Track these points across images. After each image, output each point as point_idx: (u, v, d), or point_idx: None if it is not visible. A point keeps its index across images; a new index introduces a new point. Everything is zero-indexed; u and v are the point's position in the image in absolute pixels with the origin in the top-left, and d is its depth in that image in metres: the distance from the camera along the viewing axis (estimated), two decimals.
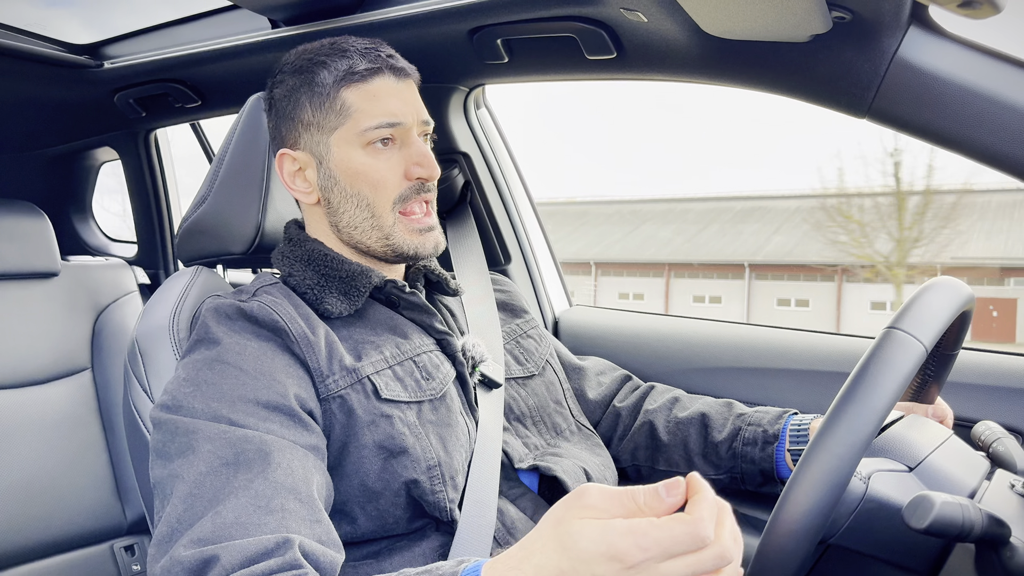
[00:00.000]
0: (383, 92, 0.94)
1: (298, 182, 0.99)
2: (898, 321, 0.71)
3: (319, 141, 0.96)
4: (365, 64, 0.94)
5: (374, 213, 0.96)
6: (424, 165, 0.95)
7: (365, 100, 0.94)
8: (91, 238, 2.30)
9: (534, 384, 1.10)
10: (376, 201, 0.95)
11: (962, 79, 0.90)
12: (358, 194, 0.95)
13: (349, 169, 0.95)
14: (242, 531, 0.70)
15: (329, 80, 0.94)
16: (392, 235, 0.96)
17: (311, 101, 0.95)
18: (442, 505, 0.88)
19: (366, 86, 0.94)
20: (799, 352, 1.28)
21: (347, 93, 0.94)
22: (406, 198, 0.96)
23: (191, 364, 0.86)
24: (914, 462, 0.78)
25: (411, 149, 0.96)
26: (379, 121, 0.93)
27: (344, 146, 0.95)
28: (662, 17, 1.04)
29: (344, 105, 0.94)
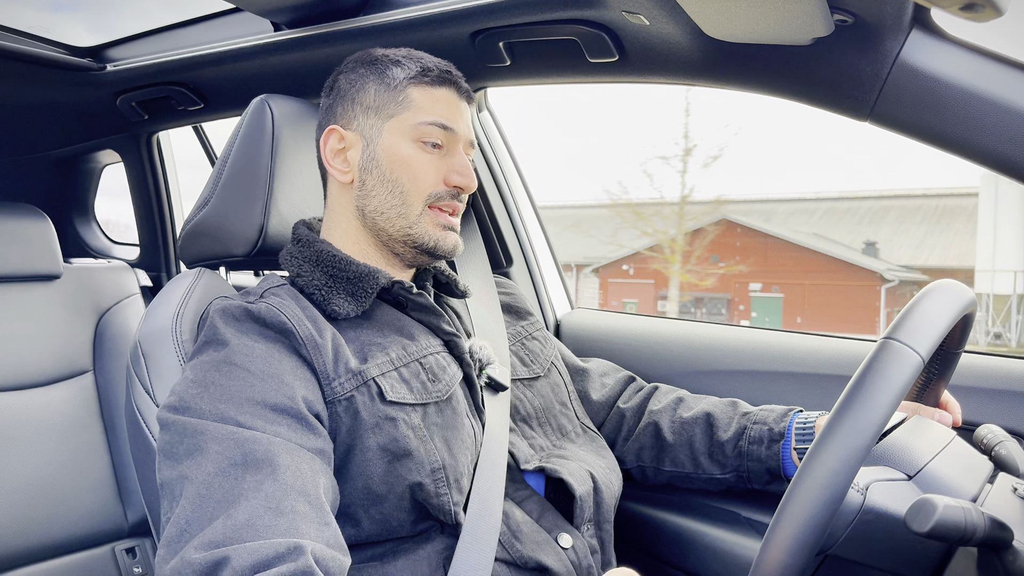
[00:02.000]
0: (445, 100, 1.00)
1: (337, 160, 1.02)
2: (895, 331, 0.71)
3: (373, 124, 0.99)
4: (438, 72, 1.00)
5: (405, 201, 0.98)
6: (464, 175, 0.99)
7: (428, 100, 0.99)
8: (93, 240, 2.31)
9: (539, 385, 1.10)
10: (411, 191, 0.98)
11: (964, 82, 0.90)
12: (395, 180, 0.98)
13: (395, 155, 0.98)
14: (253, 533, 0.70)
15: (400, 75, 0.99)
16: (415, 225, 0.98)
17: (377, 88, 0.99)
18: (446, 508, 0.88)
19: (433, 90, 0.99)
20: (801, 355, 1.28)
21: (414, 90, 0.99)
22: (440, 197, 0.99)
23: (199, 365, 0.86)
24: (914, 470, 0.78)
25: (455, 159, 1.00)
26: (435, 119, 0.98)
27: (396, 135, 0.98)
28: (664, 20, 1.04)
29: (408, 98, 0.99)
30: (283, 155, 1.11)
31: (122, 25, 1.68)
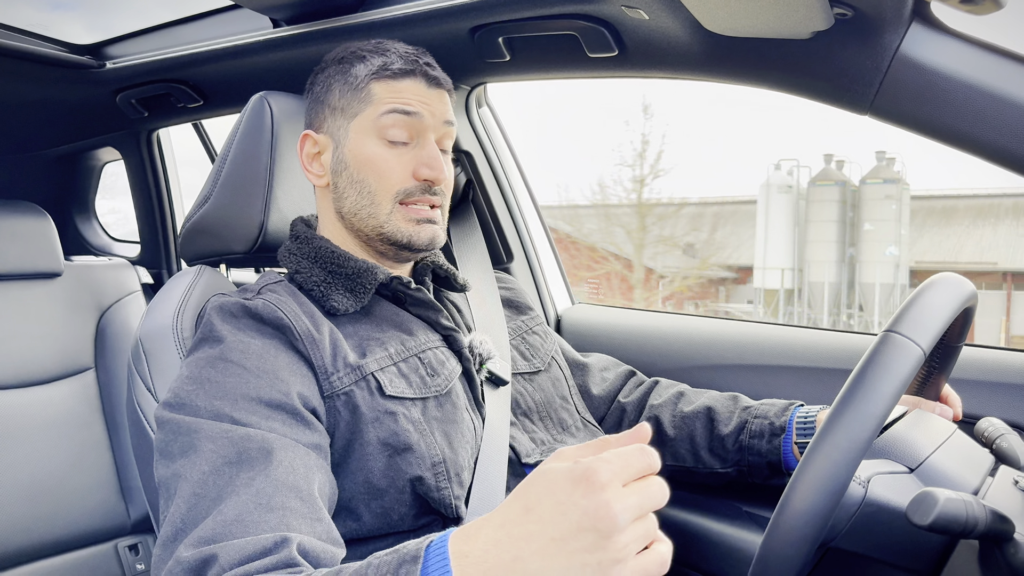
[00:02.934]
0: (409, 91, 0.97)
1: (314, 164, 1.02)
2: (896, 324, 0.71)
3: (340, 126, 0.99)
4: (400, 64, 0.97)
5: (374, 201, 0.97)
6: (433, 167, 0.97)
7: (389, 93, 0.97)
8: (94, 238, 2.31)
9: (540, 380, 1.10)
10: (378, 190, 0.97)
11: (964, 75, 0.90)
12: (363, 181, 0.97)
13: (360, 156, 0.97)
14: (242, 529, 0.70)
15: (363, 72, 0.98)
16: (386, 224, 0.98)
17: (342, 88, 0.99)
18: (447, 502, 0.88)
19: (395, 83, 0.97)
20: (802, 349, 1.28)
21: (376, 85, 0.97)
22: (410, 193, 0.97)
23: (195, 362, 0.86)
24: (915, 463, 0.78)
25: (424, 151, 0.98)
26: (393, 106, 0.96)
27: (361, 134, 0.97)
28: (663, 14, 1.03)
29: (369, 94, 0.97)
30: (282, 152, 1.11)
31: (120, 23, 1.68)
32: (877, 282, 22.41)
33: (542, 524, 0.53)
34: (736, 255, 24.91)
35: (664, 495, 0.55)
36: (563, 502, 0.53)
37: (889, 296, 22.27)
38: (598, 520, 0.51)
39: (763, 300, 23.43)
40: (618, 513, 0.51)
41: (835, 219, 23.22)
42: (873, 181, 23.06)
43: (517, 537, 0.54)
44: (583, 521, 0.52)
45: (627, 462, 0.53)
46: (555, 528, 0.53)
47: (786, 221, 23.67)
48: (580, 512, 0.52)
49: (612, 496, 0.52)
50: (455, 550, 0.57)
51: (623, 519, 0.51)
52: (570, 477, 0.53)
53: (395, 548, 0.62)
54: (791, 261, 23.62)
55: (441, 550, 0.58)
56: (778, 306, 22.99)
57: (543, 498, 0.54)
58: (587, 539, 0.52)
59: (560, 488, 0.53)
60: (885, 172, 23.19)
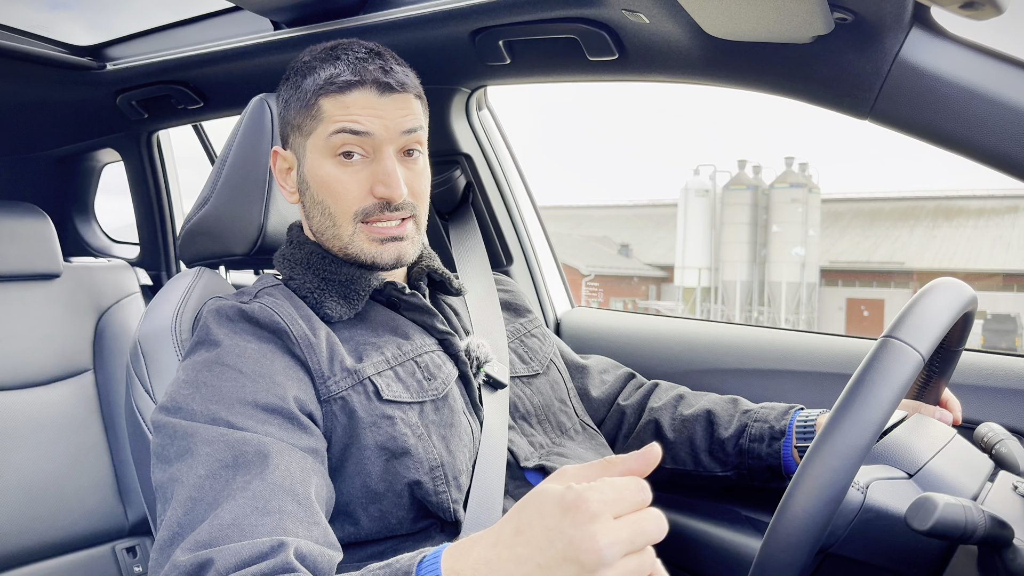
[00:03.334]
0: (357, 105, 0.92)
1: (287, 181, 1.01)
2: (895, 330, 0.71)
3: (300, 144, 0.97)
4: (347, 76, 0.92)
5: (335, 223, 0.95)
6: (387, 184, 0.92)
7: (337, 109, 0.92)
8: (93, 239, 2.31)
9: (539, 383, 1.10)
10: (337, 212, 0.95)
11: (964, 80, 0.90)
12: (322, 202, 0.96)
13: (317, 177, 0.95)
14: (239, 533, 0.70)
15: (310, 87, 0.94)
16: (350, 244, 0.96)
17: (295, 104, 0.96)
18: (445, 506, 0.88)
19: (342, 97, 0.92)
20: (801, 353, 1.28)
21: (324, 101, 0.93)
22: (369, 213, 0.94)
23: (191, 366, 0.86)
24: (914, 468, 0.78)
25: (378, 166, 0.93)
26: (341, 126, 0.91)
27: (316, 153, 0.95)
28: (664, 18, 1.04)
29: (319, 111, 0.94)
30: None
31: (121, 24, 1.68)
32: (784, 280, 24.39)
33: (530, 549, 0.52)
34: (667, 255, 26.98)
35: (661, 530, 0.53)
36: (551, 528, 0.52)
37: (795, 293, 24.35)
38: (582, 552, 0.50)
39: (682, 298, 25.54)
40: (604, 547, 0.50)
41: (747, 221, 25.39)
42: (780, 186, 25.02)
43: (507, 559, 0.53)
44: (567, 551, 0.51)
45: (621, 494, 0.52)
46: (542, 555, 0.52)
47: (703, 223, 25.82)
48: (566, 542, 0.51)
49: (600, 528, 0.50)
50: (447, 566, 0.57)
51: (609, 553, 0.50)
52: (561, 503, 0.52)
53: (388, 562, 0.62)
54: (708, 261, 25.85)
55: (434, 565, 0.57)
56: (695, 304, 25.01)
57: (533, 522, 0.53)
58: (571, 570, 0.51)
59: (550, 514, 0.52)
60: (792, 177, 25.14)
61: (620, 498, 0.52)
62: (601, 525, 0.50)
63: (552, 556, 0.51)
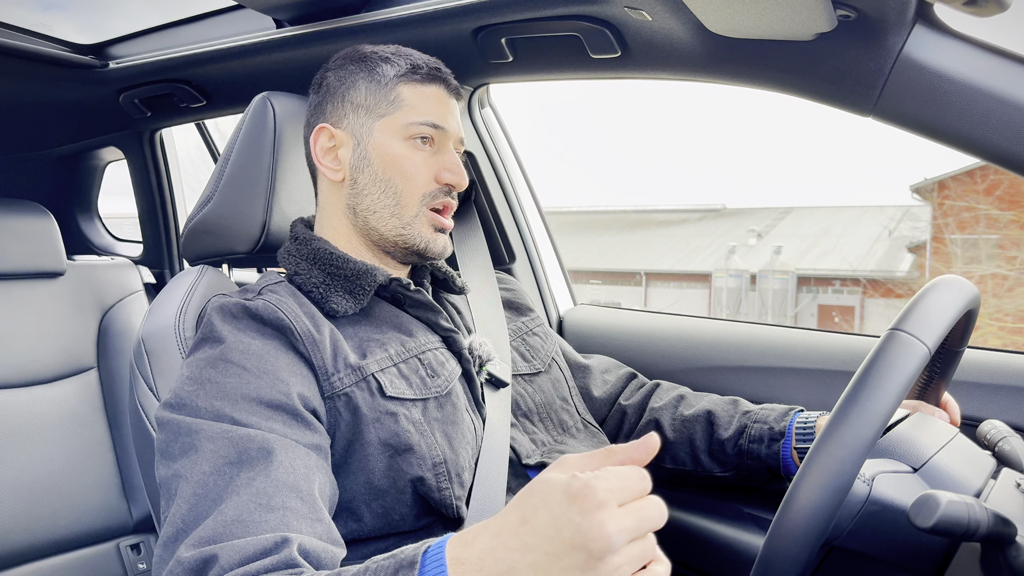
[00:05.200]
0: (436, 97, 1.00)
1: (328, 158, 1.01)
2: (901, 322, 0.71)
3: (364, 123, 0.99)
4: (427, 69, 1.00)
5: (399, 202, 0.98)
6: (455, 172, 0.99)
7: (419, 98, 0.99)
8: (96, 237, 2.31)
9: (540, 381, 1.10)
10: (404, 191, 0.98)
11: (967, 77, 0.89)
12: (388, 180, 0.98)
13: (387, 155, 0.98)
14: (242, 529, 0.70)
15: (391, 73, 0.99)
16: (409, 226, 0.99)
17: (368, 86, 0.99)
18: (448, 502, 0.88)
19: (423, 87, 0.99)
20: (804, 351, 1.28)
21: (404, 88, 0.99)
22: (434, 196, 0.99)
23: (195, 363, 0.86)
24: (919, 463, 0.78)
25: (446, 156, 1.00)
26: (426, 119, 0.98)
27: (387, 134, 0.98)
28: (666, 16, 1.03)
29: (399, 97, 0.98)
30: (285, 152, 1.11)
31: (113, 26, 1.68)
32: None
33: (537, 537, 0.53)
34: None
35: (662, 517, 0.54)
36: (558, 517, 0.52)
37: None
38: (590, 540, 0.51)
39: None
40: (612, 534, 0.51)
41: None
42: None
43: (512, 548, 0.54)
44: (575, 539, 0.51)
45: (625, 483, 0.53)
46: (549, 543, 0.52)
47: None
48: (574, 529, 0.51)
49: (607, 516, 0.51)
50: (452, 556, 0.57)
51: (617, 540, 0.51)
52: (567, 492, 0.52)
53: (393, 553, 0.62)
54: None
55: (438, 555, 0.58)
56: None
57: (539, 510, 0.53)
58: (579, 558, 0.51)
59: (556, 502, 0.53)
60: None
61: (624, 486, 0.53)
62: (608, 513, 0.51)
63: (559, 544, 0.52)
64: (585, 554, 0.51)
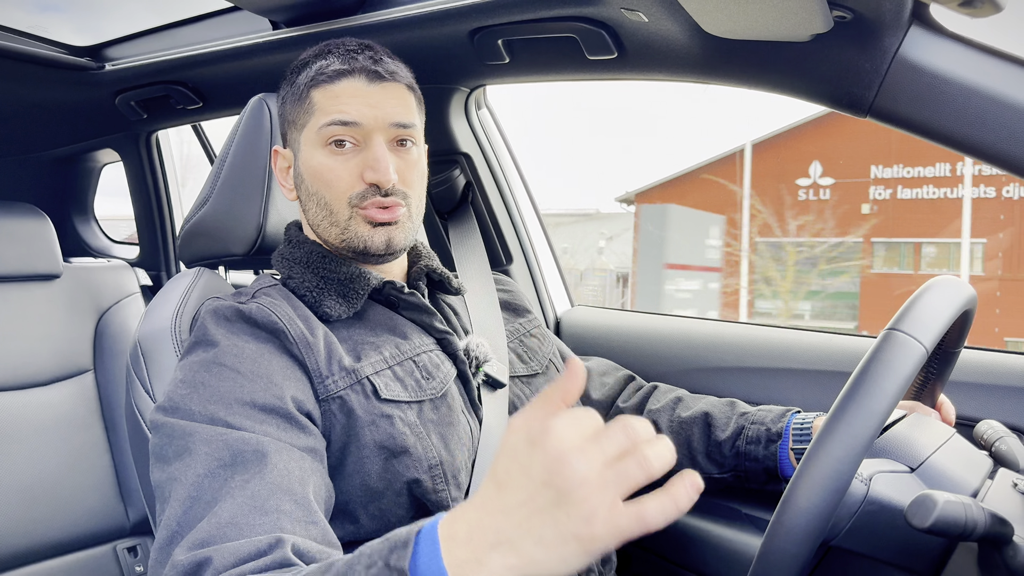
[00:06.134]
0: (346, 94, 0.94)
1: (284, 178, 1.03)
2: (899, 322, 0.71)
3: (295, 139, 0.99)
4: (337, 66, 0.95)
5: (331, 211, 0.96)
6: (376, 169, 0.93)
7: (327, 100, 0.95)
8: (93, 240, 2.31)
9: (538, 383, 1.10)
10: (332, 199, 0.96)
11: (963, 78, 0.90)
12: (316, 192, 0.97)
13: (310, 167, 0.97)
14: (236, 531, 0.70)
15: (303, 81, 0.97)
16: (347, 230, 0.96)
17: (289, 98, 0.99)
18: (445, 504, 0.88)
19: (331, 87, 0.95)
20: (801, 352, 1.28)
21: (315, 93, 0.96)
22: (363, 196, 0.95)
23: (188, 366, 0.86)
24: (916, 462, 0.78)
25: (368, 153, 0.94)
26: (332, 118, 0.93)
27: (309, 145, 0.97)
28: (663, 17, 1.04)
29: (311, 104, 0.96)
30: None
31: (109, 28, 1.68)
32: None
33: (513, 495, 0.53)
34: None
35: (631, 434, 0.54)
36: (524, 464, 0.53)
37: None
38: (554, 474, 0.51)
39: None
40: (574, 463, 0.51)
41: None
42: None
43: (495, 512, 0.54)
44: (542, 476, 0.52)
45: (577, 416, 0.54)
46: (524, 494, 0.53)
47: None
48: (539, 467, 0.52)
49: (566, 445, 0.51)
50: (444, 533, 0.57)
51: (581, 469, 0.51)
52: (526, 438, 0.53)
53: (386, 536, 0.62)
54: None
55: (431, 534, 0.58)
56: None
57: (509, 468, 0.54)
58: (548, 495, 0.52)
59: (519, 453, 0.53)
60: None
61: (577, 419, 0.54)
62: (566, 442, 0.52)
63: (532, 491, 0.52)
64: (553, 491, 0.51)
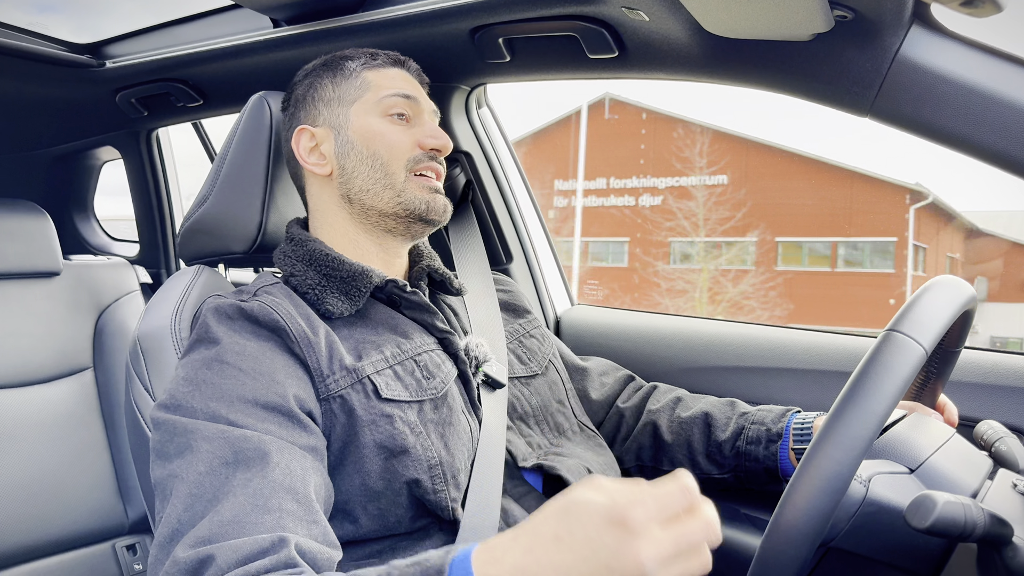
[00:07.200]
0: (400, 78, 1.05)
1: (313, 157, 1.03)
2: (898, 323, 0.71)
3: (339, 113, 1.02)
4: (388, 57, 1.06)
5: (387, 172, 1.00)
6: (437, 137, 1.02)
7: (384, 79, 1.04)
8: (93, 237, 2.31)
9: (537, 384, 1.10)
10: (390, 160, 1.00)
11: (964, 78, 0.90)
12: (374, 154, 1.00)
13: (368, 132, 1.01)
14: (239, 530, 0.70)
15: (354, 65, 1.05)
16: (404, 191, 1.00)
17: (333, 81, 1.04)
18: (444, 504, 0.88)
19: (386, 71, 1.05)
20: (801, 351, 1.28)
21: (368, 73, 1.04)
22: (419, 160, 1.01)
23: (190, 364, 0.86)
24: (915, 463, 0.78)
25: (424, 127, 1.03)
26: (396, 91, 1.02)
27: (363, 115, 1.02)
28: (664, 16, 1.03)
29: (365, 81, 1.03)
30: (282, 152, 1.11)
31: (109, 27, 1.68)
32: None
33: (572, 556, 0.53)
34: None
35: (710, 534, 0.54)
36: (594, 540, 0.53)
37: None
38: (625, 565, 0.51)
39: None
40: (646, 561, 0.51)
41: None
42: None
43: (545, 565, 0.54)
44: (612, 563, 0.52)
45: (664, 503, 0.53)
46: (584, 564, 0.53)
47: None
48: (610, 553, 0.52)
49: (644, 543, 0.52)
50: (480, 571, 0.57)
51: (651, 567, 0.51)
52: (607, 516, 0.53)
53: (416, 560, 0.62)
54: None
55: (464, 566, 0.58)
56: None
57: (575, 531, 0.54)
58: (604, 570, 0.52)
59: (593, 525, 0.53)
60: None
61: (664, 506, 0.53)
62: (645, 539, 0.52)
63: (594, 566, 0.52)
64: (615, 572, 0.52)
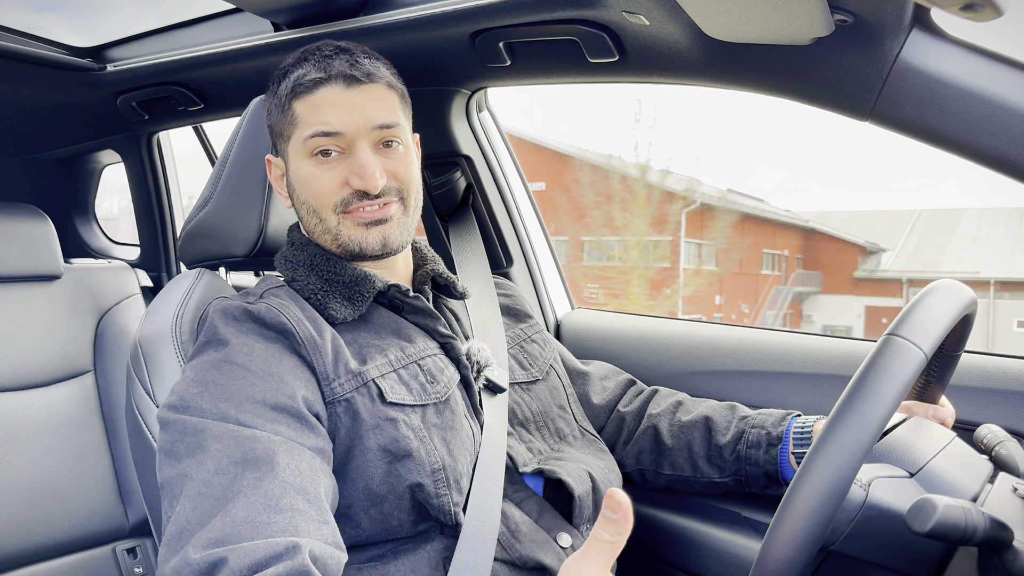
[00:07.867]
0: (326, 103, 0.94)
1: (279, 184, 1.04)
2: (898, 327, 0.71)
3: (283, 149, 1.01)
4: (313, 74, 0.95)
5: (320, 217, 0.98)
6: (362, 176, 0.94)
7: (308, 111, 0.95)
8: (93, 240, 2.31)
9: (538, 389, 1.10)
10: (320, 206, 0.97)
11: (964, 82, 0.90)
12: (306, 201, 0.98)
13: (299, 177, 0.98)
14: (252, 531, 0.70)
15: (283, 92, 0.98)
16: (339, 233, 0.97)
17: (275, 111, 1.00)
18: (446, 508, 0.88)
19: (311, 97, 0.95)
20: (802, 355, 1.28)
21: (296, 104, 0.96)
22: (347, 202, 0.96)
23: (199, 365, 0.86)
24: (915, 467, 0.78)
25: (352, 159, 0.95)
26: (315, 130, 0.94)
27: (295, 155, 0.98)
28: (664, 20, 1.04)
29: (293, 115, 0.97)
30: None
31: (107, 29, 1.68)
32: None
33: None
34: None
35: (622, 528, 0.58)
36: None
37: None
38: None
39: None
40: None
41: None
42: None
43: None
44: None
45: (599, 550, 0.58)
46: None
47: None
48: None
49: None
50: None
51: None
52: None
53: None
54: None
55: None
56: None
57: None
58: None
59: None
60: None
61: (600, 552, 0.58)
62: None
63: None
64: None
